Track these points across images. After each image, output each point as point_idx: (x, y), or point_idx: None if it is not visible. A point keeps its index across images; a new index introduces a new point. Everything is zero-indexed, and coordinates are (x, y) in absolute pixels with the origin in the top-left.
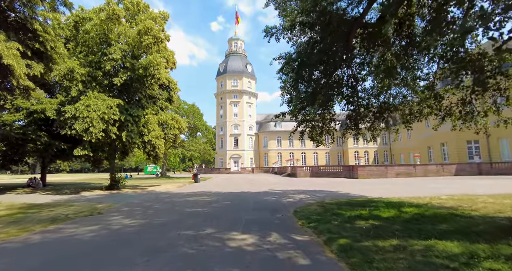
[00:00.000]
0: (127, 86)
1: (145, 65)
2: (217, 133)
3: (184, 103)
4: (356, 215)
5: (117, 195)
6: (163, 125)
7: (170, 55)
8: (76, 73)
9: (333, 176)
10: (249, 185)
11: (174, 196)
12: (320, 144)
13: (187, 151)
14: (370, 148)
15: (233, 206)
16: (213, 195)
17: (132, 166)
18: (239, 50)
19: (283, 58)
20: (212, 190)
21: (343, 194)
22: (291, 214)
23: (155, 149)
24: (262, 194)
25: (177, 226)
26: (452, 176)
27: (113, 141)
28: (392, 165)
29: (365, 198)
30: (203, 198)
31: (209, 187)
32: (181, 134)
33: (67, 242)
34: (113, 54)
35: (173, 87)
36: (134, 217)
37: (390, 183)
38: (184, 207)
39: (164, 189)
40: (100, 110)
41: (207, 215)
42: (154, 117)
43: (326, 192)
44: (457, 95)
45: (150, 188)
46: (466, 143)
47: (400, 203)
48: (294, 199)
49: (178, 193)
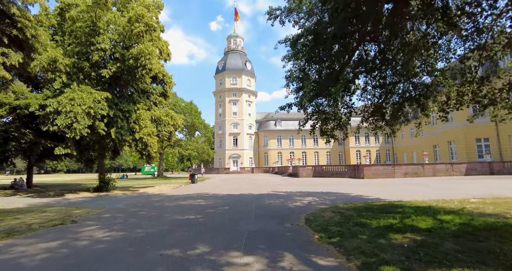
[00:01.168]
0: (117, 78)
1: (136, 55)
2: (216, 132)
3: (181, 100)
4: (386, 226)
5: (104, 197)
6: (156, 122)
7: (164, 45)
8: (59, 63)
9: (337, 176)
10: (250, 186)
11: (166, 200)
12: (334, 140)
13: (185, 151)
14: (372, 147)
15: (233, 212)
16: (210, 198)
17: (130, 166)
18: (238, 47)
19: (289, 40)
20: (210, 192)
21: (355, 196)
22: (303, 223)
23: (147, 148)
24: (264, 197)
25: (161, 241)
26: (463, 175)
27: (102, 139)
28: (400, 165)
29: (383, 201)
30: (198, 202)
31: (207, 188)
32: (176, 132)
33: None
34: (101, 43)
35: (168, 81)
36: (112, 227)
37: (402, 184)
38: (174, 214)
39: (157, 191)
40: (85, 104)
41: (200, 225)
42: (146, 113)
43: (335, 194)
44: (503, 79)
45: (142, 189)
46: (475, 141)
47: (431, 209)
48: (301, 202)
49: (172, 196)
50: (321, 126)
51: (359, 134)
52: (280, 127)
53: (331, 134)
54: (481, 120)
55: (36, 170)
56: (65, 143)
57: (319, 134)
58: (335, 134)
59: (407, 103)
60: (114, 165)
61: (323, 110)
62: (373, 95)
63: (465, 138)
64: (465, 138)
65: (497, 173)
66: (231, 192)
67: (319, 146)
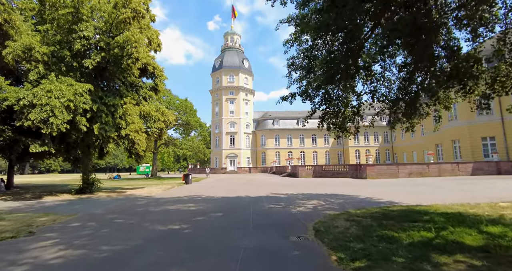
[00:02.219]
0: (102, 70)
1: (122, 43)
2: (212, 131)
3: (176, 98)
4: (423, 242)
5: (84, 201)
6: (145, 118)
7: (154, 34)
8: (35, 52)
9: (338, 176)
10: (247, 188)
11: (152, 203)
12: (345, 135)
13: (179, 150)
14: (372, 146)
15: (226, 220)
16: (202, 201)
17: (126, 166)
18: (236, 45)
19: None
20: (203, 194)
21: (364, 199)
22: (313, 236)
23: (134, 145)
24: (263, 200)
25: (129, 265)
26: (469, 175)
27: (87, 136)
28: (404, 164)
29: (399, 205)
30: (188, 206)
31: (201, 190)
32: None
33: None
34: (84, 31)
35: (159, 74)
36: (72, 242)
37: (409, 185)
38: (156, 223)
39: (146, 193)
40: (65, 96)
41: (184, 240)
42: (134, 108)
43: (341, 196)
44: None
45: (130, 191)
46: (481, 140)
47: (464, 217)
48: (306, 207)
49: (160, 199)
50: (331, 118)
51: (359, 133)
52: (278, 126)
53: (343, 127)
54: (487, 117)
55: (29, 170)
56: (42, 140)
57: (327, 129)
58: (348, 127)
59: (449, 83)
60: (110, 165)
61: (334, 98)
62: (399, 79)
63: (470, 136)
64: (470, 137)
65: (505, 173)
66: (227, 194)
67: (318, 146)
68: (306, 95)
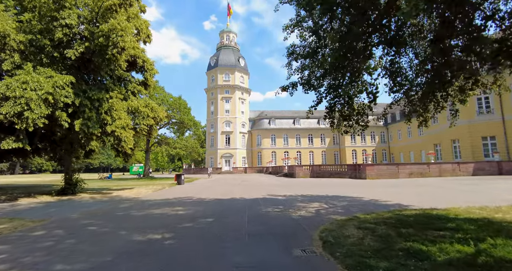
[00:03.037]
0: (86, 61)
1: (107, 31)
2: (207, 130)
3: (169, 95)
4: (463, 260)
5: (63, 203)
6: (133, 114)
7: (144, 25)
8: (10, 39)
9: (336, 177)
10: (242, 188)
11: (136, 206)
12: (359, 128)
13: (172, 149)
14: (368, 146)
15: (217, 227)
16: (192, 204)
17: (119, 165)
18: (231, 43)
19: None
20: (194, 196)
21: (369, 201)
22: (321, 249)
23: (120, 143)
24: (260, 203)
25: None
26: (470, 175)
27: (70, 132)
28: (404, 164)
29: (410, 209)
30: (175, 210)
31: (193, 191)
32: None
33: None
34: (67, 19)
35: (149, 67)
36: (22, 259)
37: (412, 185)
38: (134, 231)
39: (133, 194)
40: (43, 89)
41: (162, 255)
42: (121, 103)
43: (344, 198)
44: None
45: (117, 192)
46: (481, 140)
47: (498, 225)
48: (307, 211)
49: (147, 201)
50: (342, 107)
51: (354, 133)
52: (274, 125)
53: (355, 118)
54: (487, 117)
55: (20, 170)
56: (16, 135)
57: (330, 124)
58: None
59: (496, 59)
60: (103, 164)
61: (345, 84)
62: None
63: (470, 136)
64: (470, 136)
65: (506, 174)
66: (220, 196)
67: (314, 146)
68: (309, 85)
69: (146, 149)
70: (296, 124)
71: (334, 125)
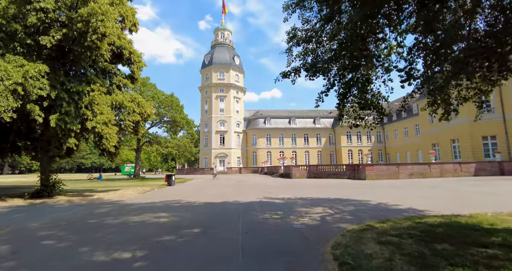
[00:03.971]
0: (64, 50)
1: (86, 16)
2: (201, 130)
3: (161, 93)
4: None
5: (34, 207)
6: (118, 109)
7: (129, 12)
8: None
9: (334, 177)
10: (236, 190)
11: (114, 212)
12: (381, 115)
13: (164, 148)
14: (364, 146)
15: (204, 242)
16: (178, 209)
17: (112, 165)
18: (226, 41)
19: None
20: (184, 199)
21: (378, 206)
22: None
23: (102, 140)
24: (256, 207)
25: None
26: (471, 176)
27: (46, 128)
28: (405, 164)
29: (434, 216)
30: (158, 217)
31: (183, 193)
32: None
33: None
34: (41, 2)
35: (136, 60)
36: None
37: (417, 186)
38: (99, 247)
39: (117, 197)
40: (11, 79)
41: None
42: (104, 97)
43: (349, 202)
44: None
45: (99, 194)
46: (481, 139)
47: None
48: (311, 218)
49: (128, 205)
50: (360, 92)
51: (351, 133)
52: (270, 125)
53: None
54: (487, 116)
55: (9, 170)
56: None
57: (339, 116)
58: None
59: None
60: (95, 164)
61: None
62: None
63: (471, 135)
64: (470, 136)
65: (508, 174)
66: (212, 199)
67: (310, 145)
68: (314, 68)
69: (137, 148)
70: (292, 123)
71: (344, 117)
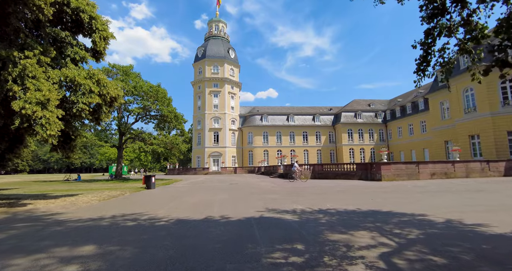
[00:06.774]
0: None
1: None
2: (194, 127)
3: (148, 84)
4: None
5: None
6: (70, 88)
7: None
8: None
9: (343, 178)
10: (228, 197)
11: (24, 241)
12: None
13: (148, 146)
14: (367, 145)
15: None
16: (126, 234)
17: (103, 165)
18: (221, 33)
19: None
20: (150, 211)
21: (454, 226)
22: None
23: (32, 126)
24: (255, 233)
25: None
26: (502, 176)
27: None
28: (425, 163)
29: None
30: (65, 260)
31: (156, 201)
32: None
33: None
34: None
35: (99, 27)
36: None
37: (455, 191)
38: None
39: (60, 207)
40: None
41: None
42: (49, 71)
43: (399, 218)
44: None
45: (43, 202)
46: (507, 135)
47: None
48: (364, 261)
49: (56, 224)
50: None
51: (353, 131)
52: (267, 122)
53: None
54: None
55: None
56: None
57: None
58: None
59: None
60: (85, 164)
61: None
62: None
63: (494, 130)
64: (494, 131)
65: None
66: (190, 212)
67: (309, 144)
68: None
69: (119, 146)
70: (290, 120)
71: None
